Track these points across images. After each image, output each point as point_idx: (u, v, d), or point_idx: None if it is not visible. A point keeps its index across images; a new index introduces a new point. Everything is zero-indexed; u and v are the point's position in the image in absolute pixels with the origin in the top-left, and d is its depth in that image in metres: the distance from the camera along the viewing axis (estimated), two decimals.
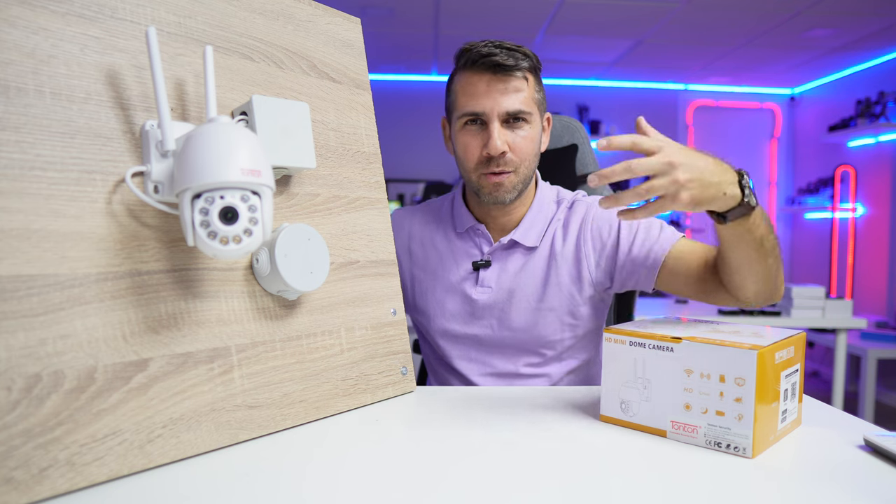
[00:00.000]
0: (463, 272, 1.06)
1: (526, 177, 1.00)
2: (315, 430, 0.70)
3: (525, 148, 0.98)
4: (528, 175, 1.01)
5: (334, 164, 0.83)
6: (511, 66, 0.94)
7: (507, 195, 0.99)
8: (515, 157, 0.97)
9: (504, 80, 0.95)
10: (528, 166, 1.00)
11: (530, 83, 0.98)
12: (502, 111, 0.95)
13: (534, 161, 1.01)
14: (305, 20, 0.82)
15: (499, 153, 0.95)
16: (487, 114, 0.95)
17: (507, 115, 0.95)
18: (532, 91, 0.98)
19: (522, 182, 1.00)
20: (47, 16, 0.57)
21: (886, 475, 0.58)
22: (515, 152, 0.97)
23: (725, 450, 0.63)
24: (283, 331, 0.72)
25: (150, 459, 0.57)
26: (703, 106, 5.20)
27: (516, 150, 0.97)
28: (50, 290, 0.54)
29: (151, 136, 0.62)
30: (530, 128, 0.98)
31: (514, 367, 1.04)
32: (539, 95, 1.00)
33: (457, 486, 0.55)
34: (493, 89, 0.95)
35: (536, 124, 1.00)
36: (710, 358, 0.64)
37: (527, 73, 0.97)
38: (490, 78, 0.95)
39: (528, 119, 0.97)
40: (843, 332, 2.86)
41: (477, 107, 0.95)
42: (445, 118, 1.07)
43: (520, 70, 0.95)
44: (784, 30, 3.66)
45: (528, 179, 1.02)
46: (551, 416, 0.75)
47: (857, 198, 4.38)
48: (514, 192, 1.00)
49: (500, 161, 0.96)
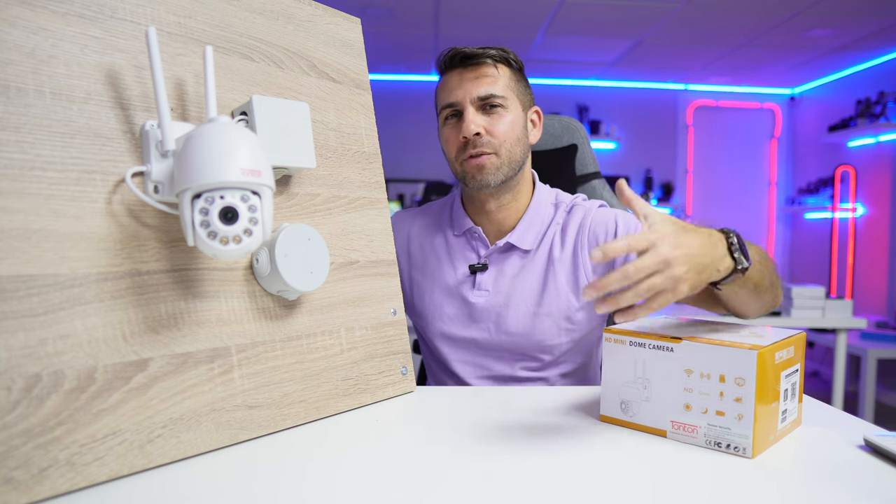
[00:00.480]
0: (460, 275, 1.06)
1: (511, 160, 1.00)
2: (315, 430, 0.70)
3: (503, 131, 0.99)
4: (512, 159, 1.00)
5: (334, 164, 0.83)
6: (477, 54, 0.98)
7: (490, 177, 0.99)
8: (493, 139, 0.98)
9: (473, 69, 0.99)
10: (509, 149, 0.99)
11: (503, 72, 1.00)
12: (473, 97, 0.98)
13: (516, 145, 1.00)
14: (305, 20, 0.82)
15: (472, 134, 0.97)
16: (461, 102, 0.99)
17: (479, 99, 0.98)
18: (506, 79, 1.00)
19: (507, 165, 0.99)
20: (47, 16, 0.57)
21: (886, 475, 0.58)
22: (492, 134, 0.98)
23: (725, 450, 0.63)
24: (283, 331, 0.72)
25: (150, 459, 0.57)
26: (703, 106, 5.20)
27: (493, 133, 0.98)
28: (50, 290, 0.54)
29: (151, 136, 0.62)
30: (507, 112, 0.99)
31: (512, 371, 1.04)
32: (518, 87, 1.02)
33: (456, 487, 0.55)
34: (464, 80, 0.99)
35: (515, 111, 1.01)
36: (710, 358, 0.64)
37: (496, 62, 1.00)
38: (461, 71, 1.00)
39: (504, 104, 0.99)
40: (843, 332, 2.86)
41: (451, 97, 1.00)
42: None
43: (487, 58, 0.99)
44: (784, 30, 3.66)
45: (516, 164, 1.01)
46: (551, 415, 0.75)
47: (857, 198, 4.38)
48: (497, 174, 0.99)
49: (476, 142, 0.98)
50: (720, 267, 0.69)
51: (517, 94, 1.02)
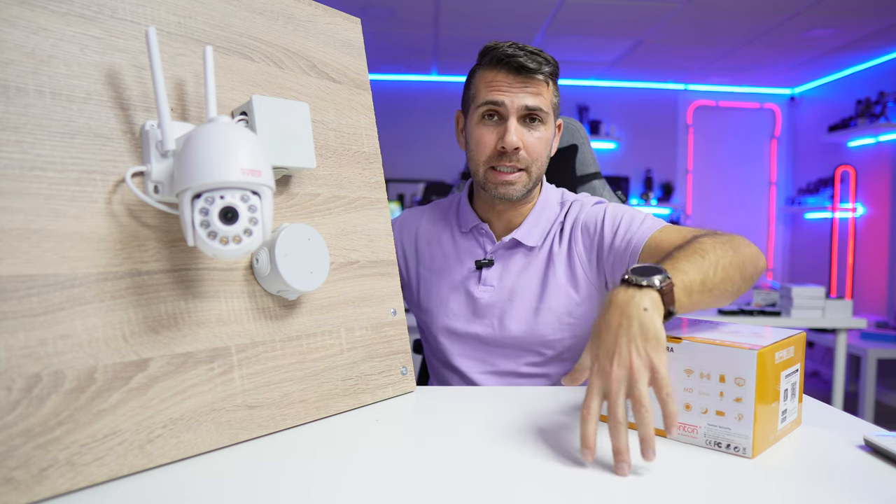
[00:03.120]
0: (466, 271, 1.08)
1: (537, 177, 1.03)
2: (315, 430, 0.70)
3: (538, 148, 1.00)
4: (538, 176, 1.03)
5: (334, 164, 0.83)
6: (534, 69, 0.97)
7: (516, 192, 1.01)
8: (528, 155, 0.99)
9: (525, 80, 0.98)
10: (539, 167, 1.02)
11: (549, 88, 1.01)
12: (521, 106, 0.97)
13: (544, 163, 1.03)
14: (305, 20, 0.82)
15: (513, 148, 0.97)
16: (507, 106, 0.97)
17: (526, 109, 0.97)
18: (550, 95, 1.01)
19: (532, 182, 1.02)
20: (47, 16, 0.57)
21: (886, 475, 0.58)
22: (528, 151, 0.99)
23: (725, 450, 0.63)
24: (283, 331, 0.72)
25: (150, 459, 0.57)
26: (703, 106, 5.20)
27: (529, 149, 0.99)
28: (50, 290, 0.54)
29: (151, 136, 0.62)
30: (545, 129, 1.00)
31: (515, 367, 1.05)
32: (556, 100, 1.03)
33: (456, 487, 0.55)
34: (515, 86, 0.97)
35: (550, 127, 1.02)
36: (710, 358, 0.64)
37: (548, 77, 0.99)
38: (514, 77, 0.98)
39: (544, 120, 1.00)
40: (843, 332, 2.86)
41: (497, 96, 0.97)
42: (461, 111, 1.09)
43: (542, 74, 0.98)
44: (784, 30, 3.66)
45: (538, 179, 1.04)
46: (551, 415, 0.75)
47: (857, 198, 4.38)
48: (523, 190, 1.02)
49: (512, 157, 0.98)
50: (655, 320, 0.61)
51: (554, 109, 1.03)
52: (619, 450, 0.58)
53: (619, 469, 0.57)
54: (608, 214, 1.03)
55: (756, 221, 5.25)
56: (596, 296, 1.04)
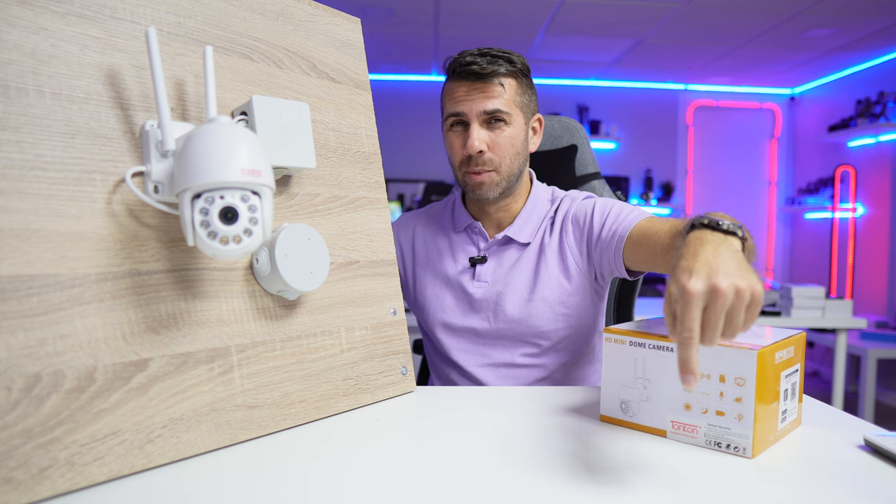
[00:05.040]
0: (461, 267, 1.11)
1: (510, 175, 1.05)
2: (315, 430, 0.70)
3: (504, 147, 1.02)
4: (511, 173, 1.05)
5: (334, 164, 0.83)
6: (487, 73, 1.00)
7: (490, 192, 1.04)
8: (495, 155, 1.02)
9: (482, 86, 1.01)
10: (509, 165, 1.04)
11: (511, 87, 1.02)
12: (480, 111, 1.01)
13: (515, 160, 1.05)
14: (305, 20, 0.82)
15: (475, 152, 1.01)
16: (467, 114, 1.01)
17: (486, 114, 1.01)
18: (513, 94, 1.03)
19: (506, 180, 1.05)
20: (47, 16, 0.57)
21: (886, 475, 0.58)
22: (495, 151, 1.02)
23: (725, 450, 0.63)
24: (283, 331, 0.72)
25: (150, 459, 0.57)
26: (703, 106, 5.19)
27: (495, 149, 1.02)
28: (50, 290, 0.54)
29: (151, 136, 0.62)
30: (510, 128, 1.03)
31: (511, 358, 1.08)
32: (522, 98, 1.05)
33: (456, 487, 0.55)
34: (473, 93, 1.01)
35: (518, 125, 1.04)
36: (710, 358, 0.64)
37: (504, 78, 1.02)
38: (470, 85, 1.01)
39: (507, 120, 1.02)
40: (843, 332, 2.86)
41: (457, 108, 1.02)
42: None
43: (496, 76, 1.01)
44: (784, 30, 3.66)
45: (514, 177, 1.06)
46: (551, 415, 0.75)
47: (857, 198, 4.38)
48: (496, 189, 1.04)
49: (478, 160, 1.02)
50: (751, 253, 0.67)
51: (521, 107, 1.04)
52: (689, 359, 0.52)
53: (686, 381, 0.52)
54: (597, 207, 1.06)
55: (756, 221, 5.25)
56: (588, 287, 1.05)
